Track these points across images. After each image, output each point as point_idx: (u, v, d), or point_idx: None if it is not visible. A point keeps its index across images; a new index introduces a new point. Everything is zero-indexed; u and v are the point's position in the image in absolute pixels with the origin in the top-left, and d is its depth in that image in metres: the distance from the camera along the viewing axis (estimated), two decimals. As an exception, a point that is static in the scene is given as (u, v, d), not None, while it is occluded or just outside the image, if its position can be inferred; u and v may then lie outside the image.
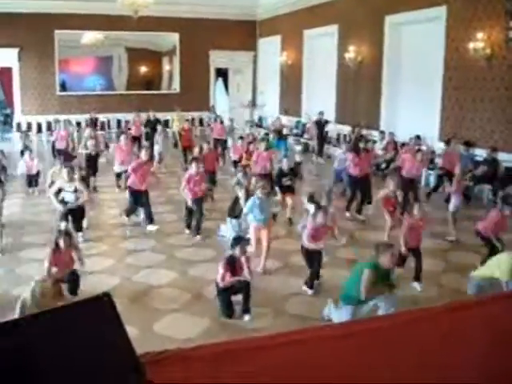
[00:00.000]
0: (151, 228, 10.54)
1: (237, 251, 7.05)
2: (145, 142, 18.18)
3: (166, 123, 22.77)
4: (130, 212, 10.84)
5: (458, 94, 14.44)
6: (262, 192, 8.62)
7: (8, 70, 23.01)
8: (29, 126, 22.96)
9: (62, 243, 7.40)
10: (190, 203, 10.21)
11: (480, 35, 13.40)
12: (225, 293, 7.01)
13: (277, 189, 10.92)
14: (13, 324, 2.08)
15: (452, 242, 10.07)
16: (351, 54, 18.30)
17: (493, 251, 7.90)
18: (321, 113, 19.12)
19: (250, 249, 8.05)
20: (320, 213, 7.73)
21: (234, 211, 9.59)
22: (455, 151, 13.29)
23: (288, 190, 11.20)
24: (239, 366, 2.75)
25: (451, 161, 12.63)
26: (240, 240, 7.30)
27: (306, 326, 6.63)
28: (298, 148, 17.18)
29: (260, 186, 8.80)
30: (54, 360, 2.06)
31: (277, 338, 3.27)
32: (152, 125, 19.26)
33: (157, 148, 16.60)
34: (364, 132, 17.67)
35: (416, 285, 7.89)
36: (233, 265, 6.99)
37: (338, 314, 6.50)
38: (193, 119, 24.91)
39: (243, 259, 7.09)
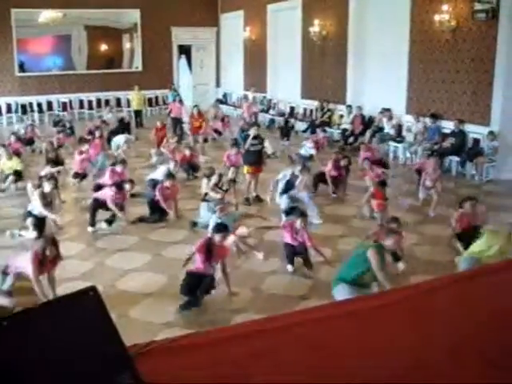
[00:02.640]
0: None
1: (216, 238, 6.84)
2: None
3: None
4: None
5: (424, 67, 14.46)
6: (220, 213, 8.70)
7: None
8: (-12, 108, 22.41)
9: None
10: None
11: (445, 7, 13.41)
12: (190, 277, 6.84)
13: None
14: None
15: None
16: (316, 28, 18.16)
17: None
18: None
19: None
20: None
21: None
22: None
23: (255, 163, 11.15)
24: (236, 351, 2.70)
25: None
26: (222, 229, 7.11)
27: (284, 304, 6.60)
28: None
29: (219, 208, 8.85)
30: (40, 357, 1.99)
31: (274, 321, 3.21)
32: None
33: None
34: (331, 106, 17.74)
35: (400, 264, 7.66)
36: (209, 250, 6.80)
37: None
38: (156, 98, 24.67)
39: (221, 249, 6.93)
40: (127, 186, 9.92)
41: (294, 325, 3.01)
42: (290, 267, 7.73)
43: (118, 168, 10.89)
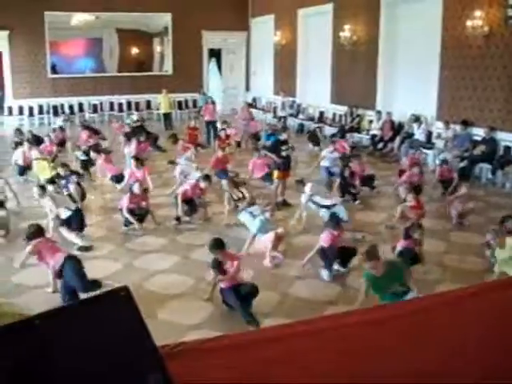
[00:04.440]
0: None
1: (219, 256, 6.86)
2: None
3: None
4: None
5: (455, 73, 14.32)
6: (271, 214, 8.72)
7: (-2, 54, 22.74)
8: (20, 109, 22.73)
9: None
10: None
11: (478, 13, 13.27)
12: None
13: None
14: (28, 322, 2.00)
15: None
16: (346, 33, 18.11)
17: None
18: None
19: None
20: None
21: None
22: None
23: (285, 166, 11.13)
24: (264, 354, 2.69)
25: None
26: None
27: (311, 309, 6.60)
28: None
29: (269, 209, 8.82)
30: (72, 358, 2.00)
31: (297, 327, 3.20)
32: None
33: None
34: (360, 111, 17.68)
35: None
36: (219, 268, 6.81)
37: None
38: (186, 101, 24.82)
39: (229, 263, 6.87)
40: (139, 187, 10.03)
41: (322, 330, 2.99)
42: (327, 274, 7.70)
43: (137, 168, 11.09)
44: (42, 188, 9.61)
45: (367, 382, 2.51)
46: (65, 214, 9.09)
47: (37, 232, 7.10)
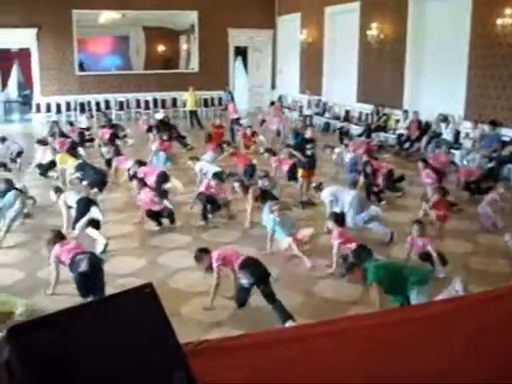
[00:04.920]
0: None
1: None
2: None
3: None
4: None
5: (484, 72, 14.13)
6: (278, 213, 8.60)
7: (27, 51, 22.99)
8: (48, 106, 22.97)
9: None
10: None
11: (508, 11, 13.08)
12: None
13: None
14: (53, 317, 2.01)
15: None
16: (374, 31, 17.98)
17: None
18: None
19: None
20: None
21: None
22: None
23: (309, 165, 11.08)
24: (280, 355, 2.68)
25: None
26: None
27: (334, 309, 6.57)
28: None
29: (276, 209, 8.69)
30: (95, 354, 2.00)
31: (318, 327, 3.18)
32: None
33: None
34: (387, 110, 17.54)
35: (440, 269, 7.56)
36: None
37: None
38: (212, 99, 24.87)
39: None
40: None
41: (343, 330, 2.97)
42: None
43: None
44: (58, 189, 9.68)
45: (387, 382, 2.49)
46: (96, 214, 9.12)
47: (56, 238, 7.13)
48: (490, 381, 2.57)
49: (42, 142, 14.20)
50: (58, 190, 9.58)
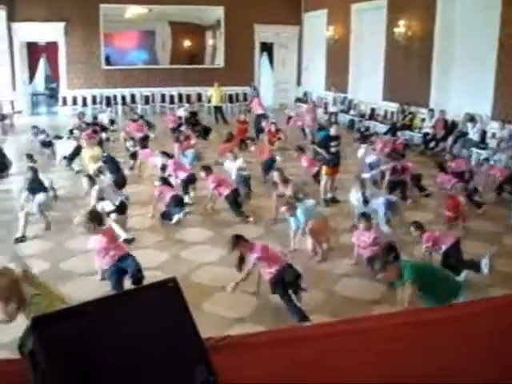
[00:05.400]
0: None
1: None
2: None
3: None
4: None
5: (513, 72, 13.94)
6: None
7: (54, 45, 23.20)
8: (74, 100, 23.16)
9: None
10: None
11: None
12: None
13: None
14: (79, 308, 2.02)
15: None
16: (401, 28, 17.82)
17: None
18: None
19: None
20: None
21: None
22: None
23: (334, 162, 11.04)
24: (301, 353, 2.67)
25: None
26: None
27: (355, 308, 6.54)
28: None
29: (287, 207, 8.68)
30: (119, 346, 2.01)
31: (339, 326, 3.17)
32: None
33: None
34: (412, 109, 17.39)
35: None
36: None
37: None
38: (237, 94, 24.89)
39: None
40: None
41: (365, 330, 2.96)
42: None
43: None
44: (91, 178, 9.76)
45: (410, 383, 2.47)
46: (108, 207, 9.17)
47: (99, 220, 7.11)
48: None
49: (71, 134, 14.40)
50: (91, 179, 9.69)
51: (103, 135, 15.31)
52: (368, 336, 2.88)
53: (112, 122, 18.31)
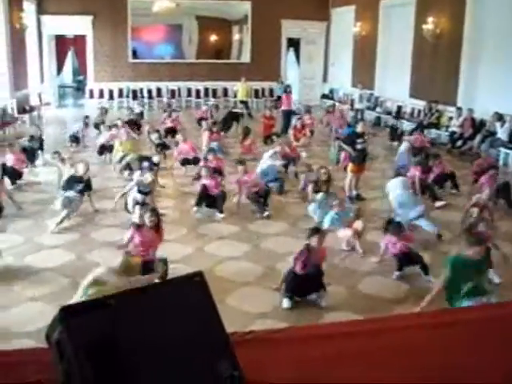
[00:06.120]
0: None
1: (313, 242, 6.70)
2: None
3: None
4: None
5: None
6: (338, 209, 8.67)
7: (82, 38, 23.41)
8: (101, 92, 23.32)
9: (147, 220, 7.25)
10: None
11: None
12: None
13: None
14: (105, 300, 2.02)
15: None
16: (429, 25, 17.63)
17: None
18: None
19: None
20: None
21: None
22: None
23: (359, 159, 10.98)
24: (323, 351, 2.66)
25: None
26: (317, 230, 7.02)
27: (379, 307, 6.50)
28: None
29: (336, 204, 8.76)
30: (143, 339, 2.01)
31: (362, 324, 3.15)
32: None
33: None
34: (440, 107, 17.20)
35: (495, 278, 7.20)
36: (308, 255, 6.67)
37: None
38: (263, 89, 24.86)
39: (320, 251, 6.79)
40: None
41: (388, 329, 2.94)
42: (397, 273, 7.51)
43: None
44: (130, 169, 9.90)
45: (430, 383, 2.45)
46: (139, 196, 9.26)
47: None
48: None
49: (109, 127, 14.59)
50: (130, 169, 9.84)
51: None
52: (390, 335, 2.86)
53: (141, 114, 18.41)
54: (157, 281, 5.78)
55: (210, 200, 9.84)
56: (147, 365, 1.96)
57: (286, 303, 6.49)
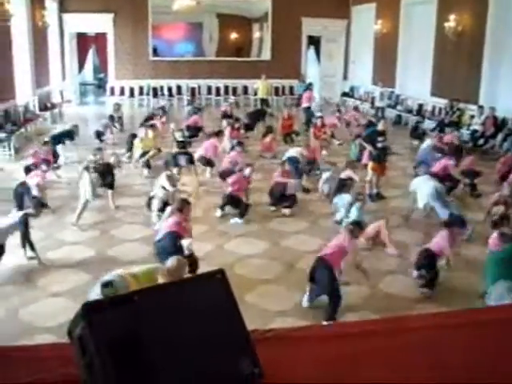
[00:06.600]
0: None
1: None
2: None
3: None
4: None
5: None
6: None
7: (103, 36, 23.54)
8: (122, 90, 23.44)
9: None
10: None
11: None
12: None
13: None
14: (128, 296, 2.03)
15: None
16: (451, 23, 17.47)
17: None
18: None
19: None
20: None
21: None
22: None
23: (380, 158, 10.92)
24: (344, 350, 2.64)
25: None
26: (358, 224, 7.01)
27: (399, 306, 6.47)
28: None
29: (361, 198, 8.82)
30: (165, 335, 2.02)
31: (383, 324, 3.12)
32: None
33: None
34: (461, 105, 17.05)
35: None
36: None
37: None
38: (283, 87, 24.81)
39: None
40: (247, 171, 10.11)
41: (409, 329, 2.91)
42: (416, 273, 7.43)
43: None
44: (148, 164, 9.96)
45: (450, 383, 2.42)
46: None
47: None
48: None
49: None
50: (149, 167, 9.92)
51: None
52: (411, 336, 2.84)
53: (164, 111, 18.47)
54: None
55: (234, 202, 9.84)
56: (168, 361, 1.96)
57: (305, 302, 6.48)
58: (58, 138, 13.40)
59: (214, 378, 2.04)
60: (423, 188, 9.41)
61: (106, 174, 9.76)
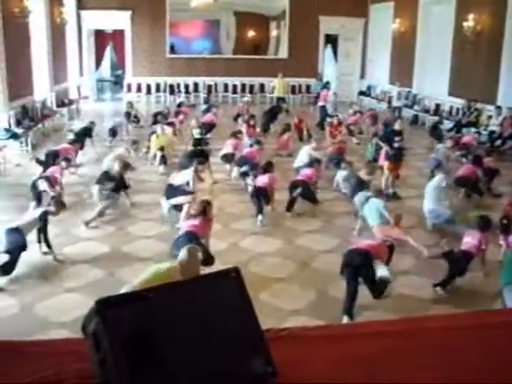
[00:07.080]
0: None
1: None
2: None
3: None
4: None
5: None
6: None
7: (120, 33, 23.63)
8: (139, 87, 23.52)
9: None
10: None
11: None
12: None
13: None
14: (142, 293, 2.05)
15: None
16: (470, 22, 17.33)
17: None
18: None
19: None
20: None
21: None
22: None
23: (396, 157, 10.86)
24: (358, 350, 2.63)
25: None
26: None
27: (414, 307, 6.43)
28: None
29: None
30: (179, 332, 2.02)
31: (398, 324, 3.11)
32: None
33: None
34: (479, 106, 16.91)
35: None
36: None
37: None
38: (300, 86, 24.76)
39: None
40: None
41: (425, 330, 2.90)
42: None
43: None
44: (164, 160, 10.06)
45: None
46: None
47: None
48: None
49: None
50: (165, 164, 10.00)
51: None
52: (426, 336, 2.83)
53: (180, 105, 18.52)
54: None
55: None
56: (182, 359, 1.96)
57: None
58: (82, 136, 13.45)
59: (228, 376, 2.04)
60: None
61: (118, 188, 9.81)
